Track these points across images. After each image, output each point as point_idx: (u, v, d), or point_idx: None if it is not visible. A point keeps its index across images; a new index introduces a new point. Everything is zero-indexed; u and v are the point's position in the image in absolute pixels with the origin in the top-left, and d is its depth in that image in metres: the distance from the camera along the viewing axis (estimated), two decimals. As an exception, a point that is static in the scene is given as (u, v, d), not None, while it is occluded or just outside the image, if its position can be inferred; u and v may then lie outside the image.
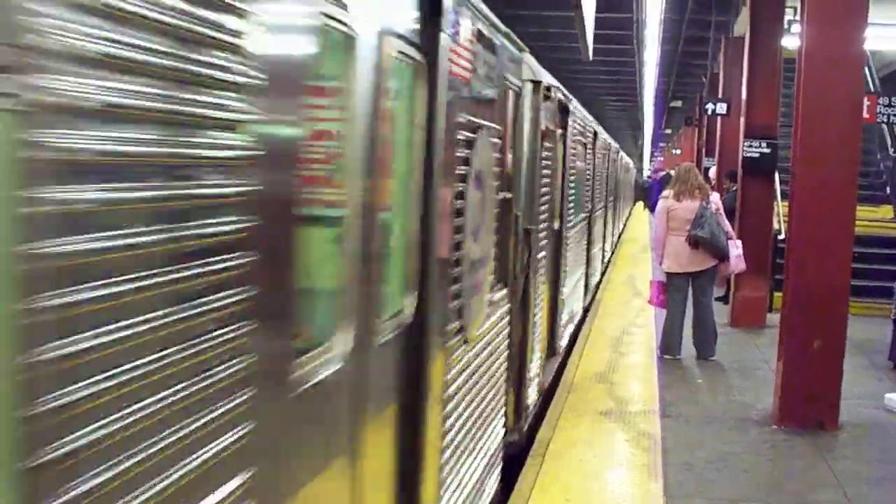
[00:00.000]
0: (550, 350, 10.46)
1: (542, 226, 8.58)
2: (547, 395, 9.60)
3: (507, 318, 6.78)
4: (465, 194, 4.93)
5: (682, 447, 8.13)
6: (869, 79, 18.37)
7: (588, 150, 14.42)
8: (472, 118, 5.06)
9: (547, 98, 8.77)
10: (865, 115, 11.71)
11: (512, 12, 18.11)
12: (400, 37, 3.80)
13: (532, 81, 7.95)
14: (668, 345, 11.79)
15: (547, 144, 8.79)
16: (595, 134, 16.06)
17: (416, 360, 4.25)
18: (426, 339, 4.31)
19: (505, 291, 6.68)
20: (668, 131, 66.86)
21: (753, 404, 9.57)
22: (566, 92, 10.84)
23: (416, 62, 4.13)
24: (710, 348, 11.81)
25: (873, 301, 14.49)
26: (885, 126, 18.47)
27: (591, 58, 14.36)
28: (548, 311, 9.95)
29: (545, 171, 8.67)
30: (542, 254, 8.83)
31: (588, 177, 14.61)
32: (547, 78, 8.90)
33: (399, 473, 4.18)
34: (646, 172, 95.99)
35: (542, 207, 8.57)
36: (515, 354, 7.62)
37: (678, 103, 42.61)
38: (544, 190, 8.67)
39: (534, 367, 8.62)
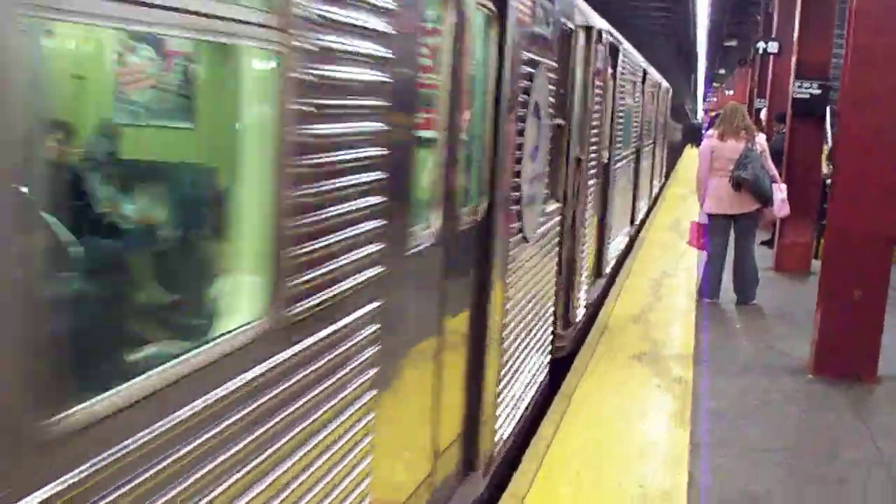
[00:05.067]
0: (597, 271, 11.49)
1: (591, 156, 9.53)
2: (589, 320, 10.22)
3: (558, 229, 8.09)
4: (526, 122, 6.13)
5: (715, 394, 7.98)
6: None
7: (637, 90, 15.47)
8: (533, 57, 6.19)
9: (599, 41, 9.45)
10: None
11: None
12: None
13: (584, 27, 8.90)
14: (709, 288, 11.59)
15: (598, 83, 9.63)
16: (644, 73, 16.77)
17: (486, 247, 5.53)
18: (493, 233, 5.57)
19: (557, 206, 8.00)
20: (723, 71, 65.96)
21: (790, 353, 9.36)
22: (617, 35, 11.57)
23: (490, 11, 5.17)
24: (751, 293, 11.59)
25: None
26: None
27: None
28: (596, 234, 10.97)
29: (596, 108, 9.64)
30: (592, 181, 9.74)
31: (637, 114, 15.81)
32: (599, 23, 9.65)
33: (472, 337, 5.41)
34: (699, 113, 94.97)
35: (593, 140, 9.52)
36: (565, 268, 8.69)
37: (733, 42, 41.89)
38: (594, 125, 9.61)
39: (582, 282, 9.57)
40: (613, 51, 11.37)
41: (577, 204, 8.95)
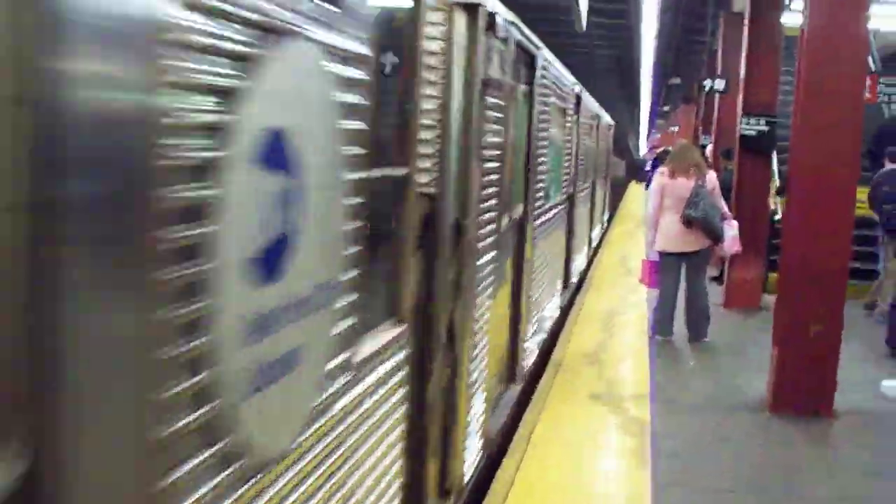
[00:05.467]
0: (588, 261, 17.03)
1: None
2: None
3: (564, 226, 12.35)
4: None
5: (673, 433, 7.89)
6: (871, 59, 18.03)
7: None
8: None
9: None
10: (867, 94, 11.39)
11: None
12: None
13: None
14: (660, 326, 11.54)
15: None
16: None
17: (522, 236, 8.20)
18: (526, 227, 8.28)
19: (561, 207, 11.62)
20: (666, 108, 66.55)
21: (746, 389, 9.32)
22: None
23: None
24: (703, 330, 11.56)
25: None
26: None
27: (584, 28, 13.98)
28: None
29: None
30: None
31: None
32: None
33: (513, 296, 8.00)
34: (642, 150, 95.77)
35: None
36: (566, 251, 12.97)
37: (676, 80, 42.25)
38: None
39: (578, 258, 14.56)
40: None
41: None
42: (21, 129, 1.58)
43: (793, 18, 14.07)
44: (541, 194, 9.33)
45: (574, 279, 14.62)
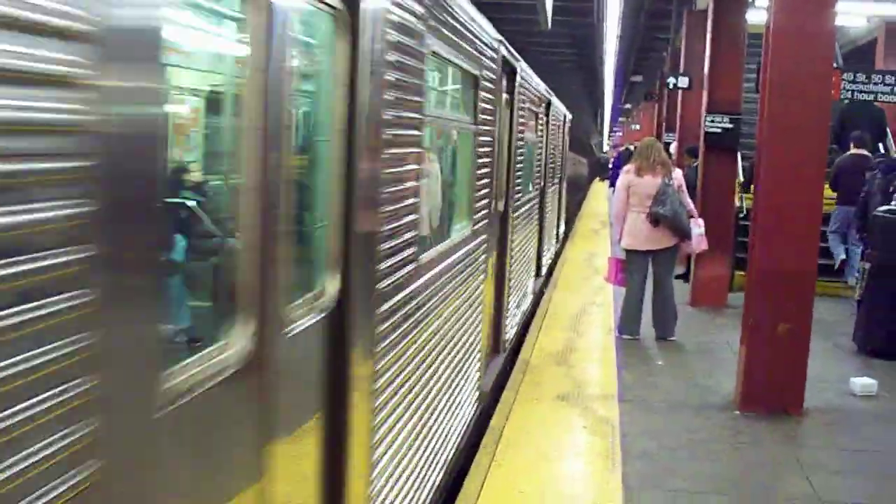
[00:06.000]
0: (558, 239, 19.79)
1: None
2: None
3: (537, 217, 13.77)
4: None
5: (642, 434, 7.84)
6: (835, 56, 18.16)
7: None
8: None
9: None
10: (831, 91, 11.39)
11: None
12: None
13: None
14: (627, 325, 11.50)
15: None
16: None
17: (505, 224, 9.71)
18: (508, 216, 9.76)
19: (534, 200, 13.21)
20: (628, 106, 66.80)
21: (715, 388, 9.29)
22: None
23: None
24: (670, 328, 11.53)
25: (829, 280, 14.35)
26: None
27: (549, 26, 13.95)
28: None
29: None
30: None
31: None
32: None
33: (498, 276, 9.40)
34: (605, 147, 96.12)
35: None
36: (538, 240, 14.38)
37: (638, 78, 42.42)
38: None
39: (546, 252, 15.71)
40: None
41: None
42: None
43: (756, 16, 14.11)
44: (519, 188, 10.77)
45: (544, 267, 16.06)
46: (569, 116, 21.80)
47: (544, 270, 15.74)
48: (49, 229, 1.75)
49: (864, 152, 15.02)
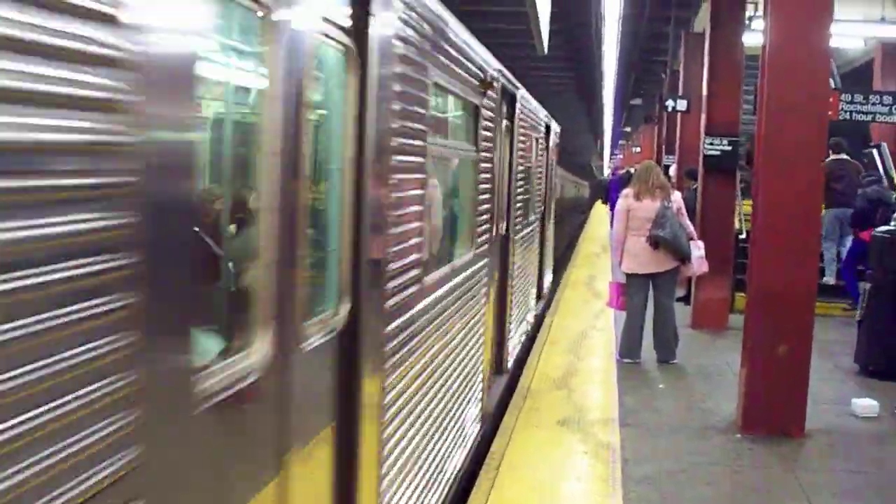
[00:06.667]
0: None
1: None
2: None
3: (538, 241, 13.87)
4: None
5: (643, 458, 7.81)
6: (832, 76, 18.21)
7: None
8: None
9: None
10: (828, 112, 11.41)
11: (468, 8, 17.80)
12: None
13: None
14: (628, 348, 11.47)
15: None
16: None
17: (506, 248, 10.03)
18: (509, 240, 10.13)
19: (536, 224, 13.51)
20: (628, 129, 66.88)
21: (716, 411, 9.26)
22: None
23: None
24: (671, 352, 11.51)
25: (829, 301, 14.35)
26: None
27: (545, 52, 13.96)
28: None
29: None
30: None
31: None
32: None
33: (500, 299, 9.75)
34: (605, 170, 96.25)
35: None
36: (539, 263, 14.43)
37: (638, 101, 42.45)
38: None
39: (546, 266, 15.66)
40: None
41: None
42: None
43: (753, 38, 14.14)
44: (520, 213, 11.12)
45: (546, 289, 16.41)
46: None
47: (546, 289, 16.13)
48: (101, 238, 1.93)
49: (844, 156, 15.64)
